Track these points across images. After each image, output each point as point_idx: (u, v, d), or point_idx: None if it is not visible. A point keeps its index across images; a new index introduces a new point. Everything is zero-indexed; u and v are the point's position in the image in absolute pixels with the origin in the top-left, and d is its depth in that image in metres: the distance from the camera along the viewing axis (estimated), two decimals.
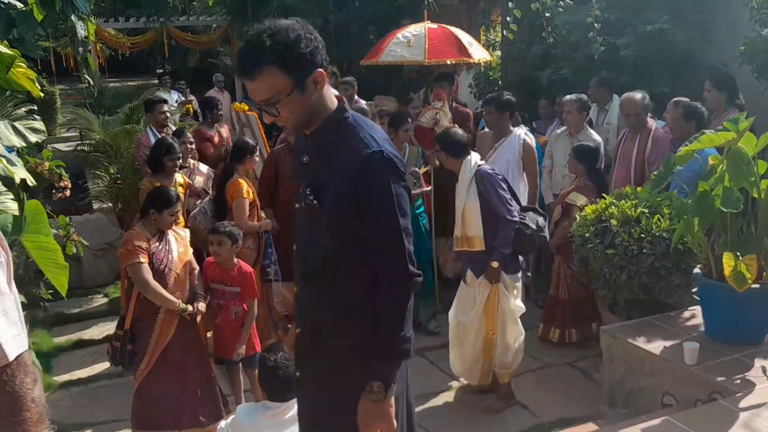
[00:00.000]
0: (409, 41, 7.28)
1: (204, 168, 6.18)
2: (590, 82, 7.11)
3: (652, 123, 5.84)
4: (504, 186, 4.78)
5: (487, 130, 6.41)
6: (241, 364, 4.84)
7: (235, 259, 4.79)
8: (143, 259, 4.34)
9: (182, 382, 4.48)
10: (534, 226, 4.79)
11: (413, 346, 2.50)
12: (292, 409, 3.12)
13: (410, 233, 2.45)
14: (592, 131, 6.40)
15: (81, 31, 4.65)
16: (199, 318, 4.55)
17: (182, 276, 4.52)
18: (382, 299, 2.44)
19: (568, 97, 6.41)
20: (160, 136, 6.46)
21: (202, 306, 4.56)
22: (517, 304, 4.84)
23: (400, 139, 5.83)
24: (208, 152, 7.17)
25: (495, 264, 4.72)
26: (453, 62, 7.54)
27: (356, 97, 8.39)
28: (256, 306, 4.86)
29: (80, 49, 5.29)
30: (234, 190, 5.46)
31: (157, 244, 4.47)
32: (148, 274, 4.33)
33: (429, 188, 5.90)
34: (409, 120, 5.95)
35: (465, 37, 7.81)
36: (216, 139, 7.42)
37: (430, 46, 7.22)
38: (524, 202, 5.41)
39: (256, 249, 5.55)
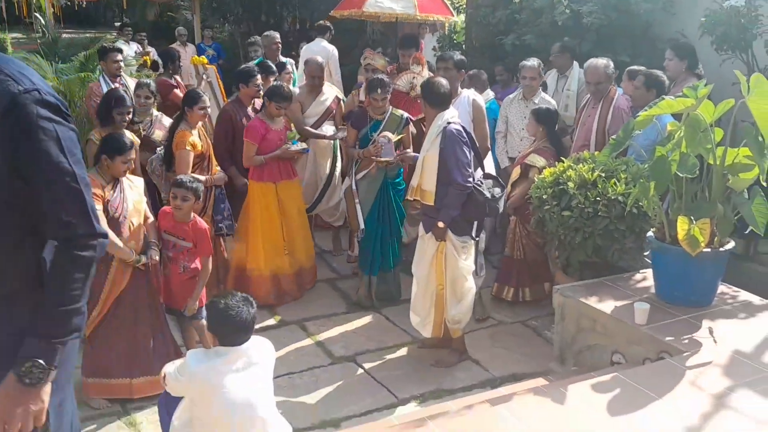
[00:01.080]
0: None
1: (167, 121, 6.01)
2: (552, 48, 7.14)
3: (615, 91, 5.86)
4: (467, 149, 4.73)
5: None
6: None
7: (192, 214, 4.72)
8: (97, 206, 4.24)
9: (134, 331, 4.45)
10: (488, 195, 4.78)
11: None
12: (245, 355, 3.09)
13: (88, 183, 2.12)
14: (545, 95, 6.47)
15: None
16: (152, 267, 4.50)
17: (137, 225, 4.46)
18: (55, 263, 2.04)
19: (531, 62, 6.41)
20: (112, 87, 6.29)
21: (155, 255, 4.51)
22: (467, 263, 4.85)
23: (374, 105, 5.66)
24: (178, 100, 7.01)
25: (440, 224, 4.73)
26: (443, 18, 7.46)
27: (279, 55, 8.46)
28: (210, 263, 4.80)
29: None
30: (178, 141, 5.36)
31: (112, 192, 4.39)
32: (103, 222, 4.24)
33: (398, 157, 5.68)
34: (385, 85, 5.64)
35: None
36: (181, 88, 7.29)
37: (419, 1, 7.11)
38: None
39: (202, 202, 5.42)
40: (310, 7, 14.29)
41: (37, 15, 13.75)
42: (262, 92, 6.16)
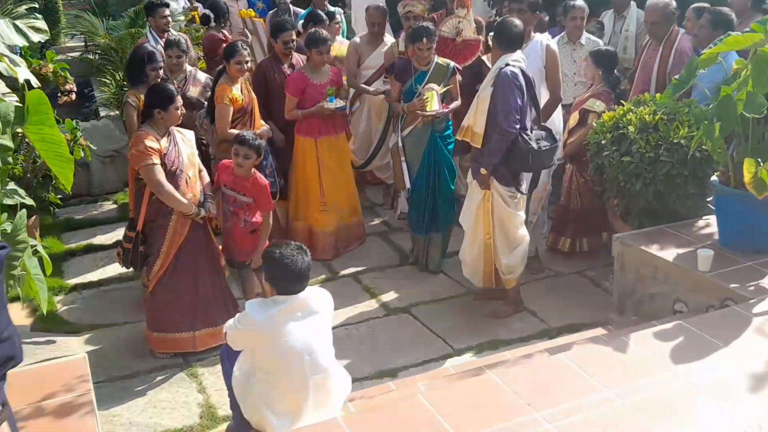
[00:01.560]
0: None
1: (202, 77, 5.93)
2: None
3: (677, 33, 5.59)
4: (520, 95, 4.55)
5: None
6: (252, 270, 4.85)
7: (253, 170, 4.70)
8: (156, 159, 4.27)
9: (195, 284, 4.50)
10: (535, 146, 4.60)
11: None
12: (303, 303, 3.11)
13: None
14: (590, 35, 6.23)
15: None
16: (211, 221, 4.54)
17: (193, 178, 4.49)
18: None
19: (579, 3, 6.08)
20: (161, 42, 6.25)
21: (213, 209, 4.54)
22: (517, 213, 4.74)
23: (419, 55, 5.31)
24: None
25: (483, 171, 4.63)
26: None
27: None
28: (271, 218, 4.83)
29: None
30: (217, 95, 5.29)
31: (167, 145, 4.40)
32: (162, 176, 4.28)
33: (448, 109, 5.36)
34: (430, 33, 5.28)
35: None
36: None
37: None
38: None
39: None
40: None
41: None
42: (292, 47, 5.95)
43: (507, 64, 4.57)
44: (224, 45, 6.95)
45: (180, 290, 4.48)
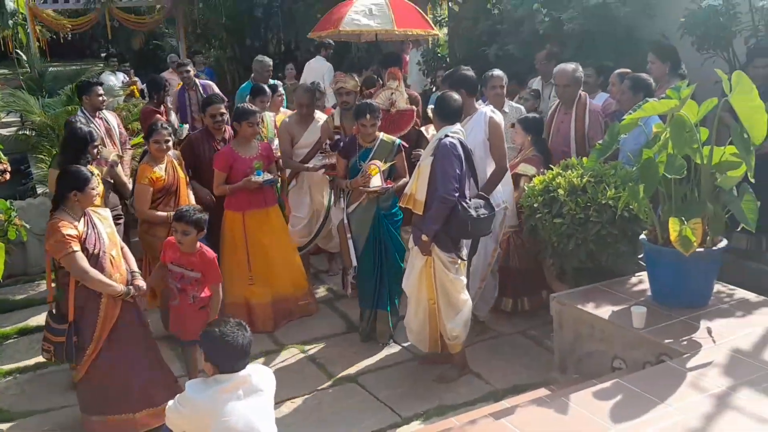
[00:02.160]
0: (371, 10, 6.81)
1: (108, 155, 5.96)
2: (537, 56, 7.17)
3: (585, 96, 5.87)
4: (459, 164, 4.64)
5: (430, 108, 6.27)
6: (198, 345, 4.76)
7: (198, 244, 4.66)
8: (76, 247, 4.17)
9: (130, 364, 4.40)
10: (473, 213, 4.68)
11: None
12: (245, 381, 3.08)
13: None
14: (512, 103, 6.42)
15: (10, 3, 4.48)
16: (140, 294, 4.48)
17: (117, 257, 4.40)
18: None
19: (497, 72, 6.19)
20: (91, 122, 6.29)
21: (141, 284, 4.46)
22: (458, 277, 4.80)
23: (363, 131, 5.34)
24: None
25: (424, 237, 4.69)
26: (423, 33, 7.10)
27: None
28: (221, 290, 4.76)
29: (10, 22, 5.09)
30: (138, 175, 5.29)
31: (85, 228, 4.30)
32: (85, 262, 4.19)
33: (391, 186, 5.33)
34: (374, 110, 5.33)
35: (420, 11, 7.48)
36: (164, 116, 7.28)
37: (396, 15, 6.82)
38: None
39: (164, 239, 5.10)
40: (294, 28, 14.33)
41: (19, 52, 13.72)
42: (221, 121, 6.04)
43: (446, 135, 4.70)
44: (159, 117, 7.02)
45: (115, 371, 4.36)
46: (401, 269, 5.41)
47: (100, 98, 6.63)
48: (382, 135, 5.43)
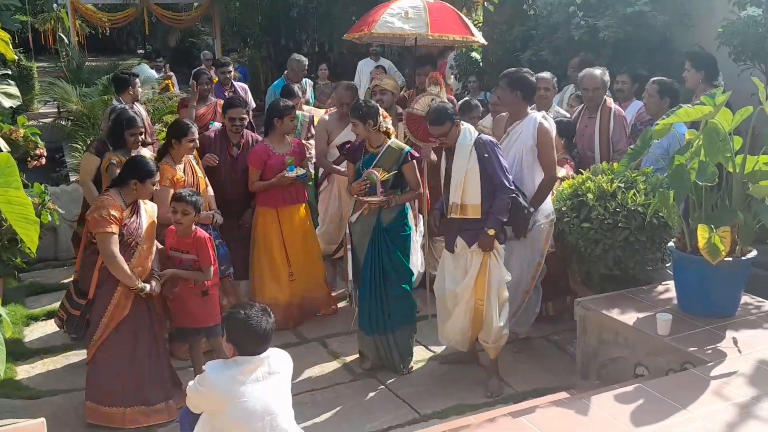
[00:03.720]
0: (407, 13, 6.44)
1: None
2: (570, 63, 7.14)
3: (610, 101, 5.88)
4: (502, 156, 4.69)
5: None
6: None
7: (193, 226, 4.69)
8: (114, 229, 4.25)
9: (131, 361, 4.42)
10: (525, 204, 4.72)
11: None
12: (264, 364, 3.12)
13: None
14: (558, 108, 6.38)
15: None
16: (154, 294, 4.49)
17: (145, 251, 4.45)
18: None
19: (545, 74, 6.25)
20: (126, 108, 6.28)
21: (156, 287, 4.48)
22: (506, 272, 4.74)
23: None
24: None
25: (492, 231, 4.58)
26: (459, 38, 6.65)
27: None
28: (212, 272, 4.71)
29: (54, 5, 5.18)
30: (159, 176, 4.99)
31: (131, 216, 4.38)
32: (116, 247, 4.25)
33: (383, 198, 4.95)
34: (374, 115, 4.95)
35: (463, 17, 6.97)
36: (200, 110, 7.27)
37: (432, 19, 6.44)
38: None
39: None
40: (328, 29, 14.45)
41: (63, 36, 13.95)
42: (240, 126, 5.81)
43: (479, 134, 4.71)
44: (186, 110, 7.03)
45: (115, 364, 4.40)
46: (405, 293, 5.11)
47: (139, 90, 6.71)
48: (391, 141, 5.04)
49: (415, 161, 5.10)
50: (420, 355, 5.37)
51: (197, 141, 5.27)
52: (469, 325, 4.82)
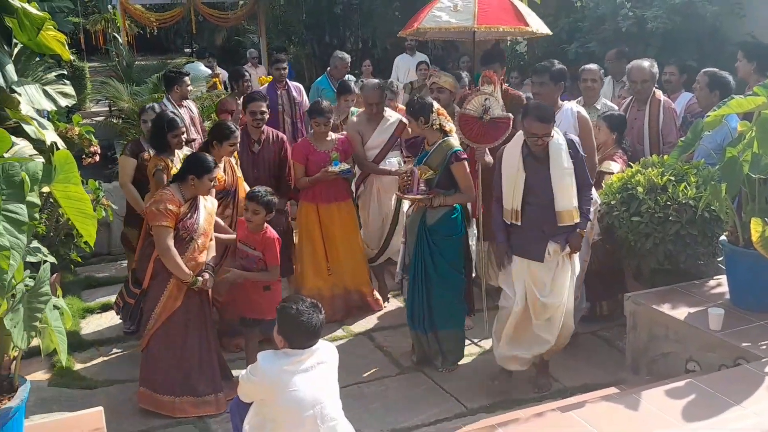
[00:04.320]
0: (456, 6, 6.22)
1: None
2: (607, 54, 7.04)
3: (659, 93, 5.78)
4: None
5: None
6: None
7: (265, 225, 4.80)
8: (169, 223, 4.36)
9: (181, 352, 4.52)
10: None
11: None
12: (312, 355, 3.18)
13: None
14: (606, 100, 6.22)
15: None
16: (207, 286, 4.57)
17: (201, 246, 4.54)
18: None
19: (592, 66, 6.12)
20: (176, 110, 6.35)
21: (209, 281, 4.56)
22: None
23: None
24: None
25: (582, 232, 4.44)
26: (508, 29, 6.37)
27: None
28: (278, 272, 4.83)
29: (109, 7, 5.28)
30: None
31: (188, 211, 4.48)
32: (170, 240, 4.36)
33: (419, 197, 4.91)
34: (423, 110, 4.88)
35: (520, 4, 6.55)
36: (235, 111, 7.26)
37: (480, 10, 6.15)
38: None
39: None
40: (371, 25, 14.48)
41: (116, 35, 14.23)
42: (261, 120, 5.67)
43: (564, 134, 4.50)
44: (232, 115, 6.98)
45: (166, 354, 4.50)
46: (451, 297, 5.00)
47: (189, 88, 6.80)
48: (443, 139, 4.92)
49: (465, 162, 4.92)
50: (467, 350, 5.36)
51: (238, 146, 5.29)
52: (557, 334, 4.60)
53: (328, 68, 8.60)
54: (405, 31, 6.63)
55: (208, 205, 4.66)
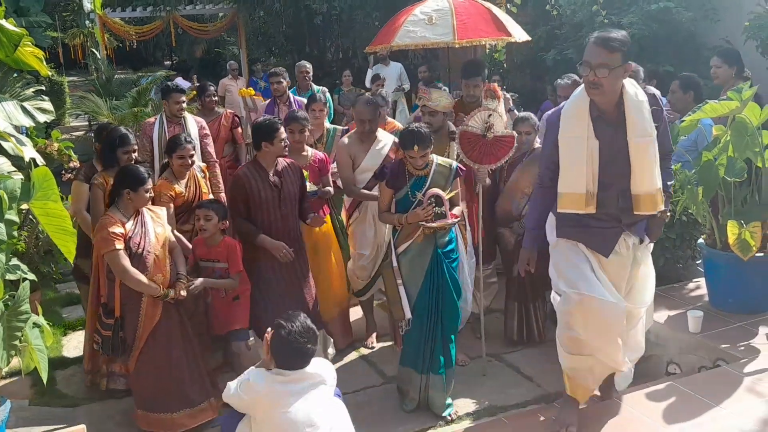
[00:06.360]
0: (431, 18, 5.71)
1: None
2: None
3: None
4: None
5: None
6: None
7: (221, 235, 4.76)
8: (119, 245, 4.27)
9: (168, 366, 4.48)
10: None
11: None
12: (307, 376, 3.16)
13: None
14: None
15: (87, 4, 4.66)
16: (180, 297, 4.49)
17: (161, 256, 4.45)
18: None
19: (565, 80, 6.01)
20: (167, 128, 6.04)
21: (183, 292, 4.46)
22: None
23: (412, 163, 4.46)
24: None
25: (666, 215, 3.60)
26: (492, 41, 5.87)
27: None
28: (242, 278, 4.72)
29: (87, 22, 5.27)
30: (155, 194, 4.79)
31: (133, 227, 4.38)
32: (126, 261, 4.27)
33: (456, 219, 4.50)
34: (424, 140, 4.37)
35: (499, 12, 6.13)
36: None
37: (459, 22, 5.66)
38: None
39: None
40: (351, 35, 14.53)
41: (94, 50, 14.13)
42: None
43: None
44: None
45: (155, 371, 4.46)
46: (458, 318, 4.68)
47: (178, 105, 6.20)
48: (436, 158, 4.56)
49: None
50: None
51: (187, 159, 5.03)
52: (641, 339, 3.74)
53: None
54: (372, 47, 6.25)
55: (153, 216, 4.54)
